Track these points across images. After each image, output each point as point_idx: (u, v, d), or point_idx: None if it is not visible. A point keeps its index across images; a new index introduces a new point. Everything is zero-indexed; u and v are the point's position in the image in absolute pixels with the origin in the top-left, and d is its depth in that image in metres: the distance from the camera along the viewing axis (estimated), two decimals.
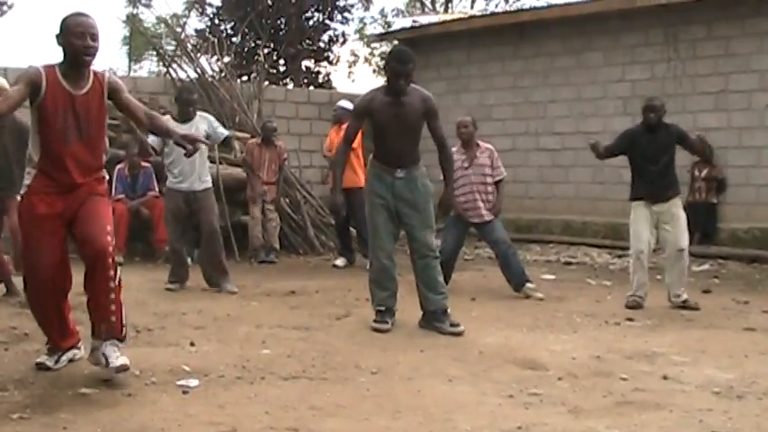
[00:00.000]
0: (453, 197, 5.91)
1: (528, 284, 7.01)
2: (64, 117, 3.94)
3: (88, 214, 3.99)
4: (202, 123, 7.07)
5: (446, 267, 7.13)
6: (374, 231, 5.55)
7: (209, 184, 7.15)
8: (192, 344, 4.83)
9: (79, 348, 4.31)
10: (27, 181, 4.08)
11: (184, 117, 7.06)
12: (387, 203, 5.47)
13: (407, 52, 5.44)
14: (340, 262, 9.14)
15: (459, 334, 5.27)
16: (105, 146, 4.26)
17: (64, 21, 3.96)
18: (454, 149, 7.13)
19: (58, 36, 3.96)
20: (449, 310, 5.47)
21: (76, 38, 3.91)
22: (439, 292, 5.49)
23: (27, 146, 5.79)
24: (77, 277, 4.09)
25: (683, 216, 6.39)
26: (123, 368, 3.93)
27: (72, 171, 3.98)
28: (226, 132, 7.34)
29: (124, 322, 4.06)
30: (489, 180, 7.11)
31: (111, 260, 3.91)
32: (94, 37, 3.95)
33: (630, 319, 5.99)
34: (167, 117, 9.00)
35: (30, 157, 4.16)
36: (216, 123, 7.27)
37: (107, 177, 4.27)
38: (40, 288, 4.04)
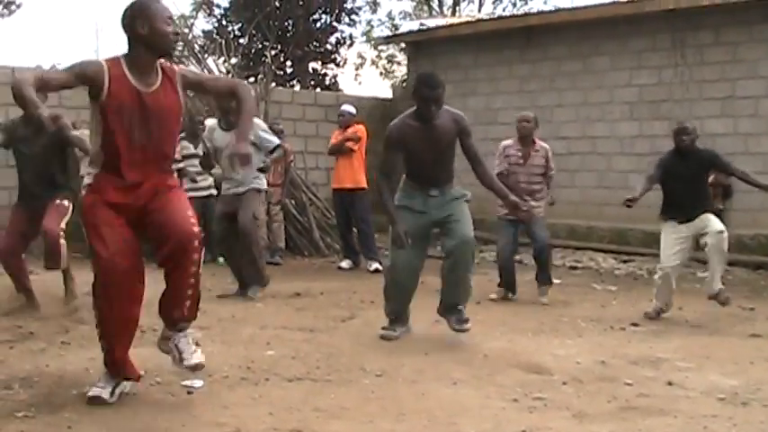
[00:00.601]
0: (512, 197, 5.44)
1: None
2: (130, 117, 3.54)
3: (164, 205, 3.60)
4: None
5: (506, 273, 7.04)
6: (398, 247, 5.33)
7: (253, 185, 6.77)
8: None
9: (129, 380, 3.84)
10: (88, 180, 3.71)
11: (228, 125, 6.65)
12: (418, 220, 5.23)
13: (436, 77, 5.17)
14: (345, 264, 9.16)
15: (463, 331, 5.26)
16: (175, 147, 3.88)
17: (142, 6, 3.54)
18: (510, 142, 7.13)
19: (138, 24, 3.52)
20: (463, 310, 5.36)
21: (167, 24, 3.54)
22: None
23: (66, 148, 5.78)
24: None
25: (712, 216, 6.32)
26: (198, 367, 3.73)
27: (136, 177, 3.60)
28: (275, 142, 6.85)
29: (199, 306, 3.77)
30: (537, 180, 7.07)
31: (197, 246, 3.54)
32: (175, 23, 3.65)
33: (635, 325, 5.99)
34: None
35: (90, 157, 3.80)
36: (264, 132, 6.81)
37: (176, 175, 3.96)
38: (113, 287, 3.53)
